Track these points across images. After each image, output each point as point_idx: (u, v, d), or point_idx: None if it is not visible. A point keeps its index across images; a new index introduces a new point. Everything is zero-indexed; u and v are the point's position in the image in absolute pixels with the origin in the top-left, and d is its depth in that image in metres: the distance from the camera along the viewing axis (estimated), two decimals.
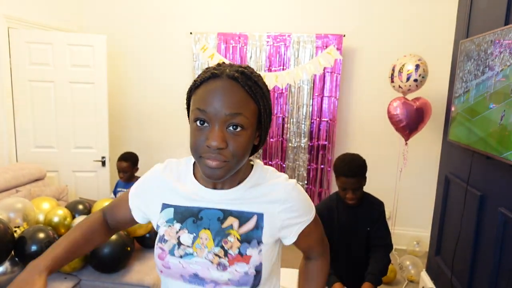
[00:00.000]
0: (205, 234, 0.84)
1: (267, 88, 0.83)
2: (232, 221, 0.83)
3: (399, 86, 3.06)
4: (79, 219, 2.30)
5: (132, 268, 2.37)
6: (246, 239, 0.82)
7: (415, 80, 2.98)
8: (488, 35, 1.94)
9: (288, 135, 3.80)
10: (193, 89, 0.80)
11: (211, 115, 0.74)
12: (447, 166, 2.66)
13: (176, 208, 0.88)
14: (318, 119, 3.72)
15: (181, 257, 0.84)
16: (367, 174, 1.91)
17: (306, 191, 3.85)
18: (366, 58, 3.68)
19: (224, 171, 0.76)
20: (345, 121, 3.79)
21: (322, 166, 3.79)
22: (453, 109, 2.41)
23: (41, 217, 2.35)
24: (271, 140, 3.82)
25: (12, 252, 2.07)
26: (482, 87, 1.98)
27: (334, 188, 3.66)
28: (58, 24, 3.68)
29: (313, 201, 4.14)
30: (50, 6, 3.60)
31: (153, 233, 2.57)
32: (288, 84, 3.52)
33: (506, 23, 1.89)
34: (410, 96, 3.17)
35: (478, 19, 2.29)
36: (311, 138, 3.78)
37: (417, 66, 2.96)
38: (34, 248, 2.04)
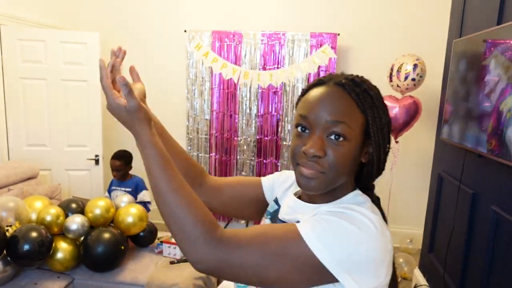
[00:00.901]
0: None
1: (381, 100, 0.74)
2: None
3: (397, 86, 3.09)
4: (72, 218, 2.29)
5: (126, 267, 2.36)
6: None
7: (413, 79, 3.01)
8: (481, 35, 1.96)
9: (282, 134, 3.80)
10: (300, 96, 0.77)
11: (311, 121, 0.70)
12: (440, 164, 2.68)
13: (278, 209, 0.87)
14: None
15: None
16: None
17: None
18: (360, 57, 3.69)
19: (319, 183, 0.70)
20: None
21: None
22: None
23: (33, 216, 2.33)
24: (266, 138, 3.83)
25: (4, 252, 2.05)
26: None
27: None
28: (51, 21, 3.64)
29: None
30: (43, 2, 3.56)
31: (147, 231, 2.57)
32: (282, 82, 3.52)
33: (498, 23, 1.90)
34: (409, 95, 3.19)
35: (471, 18, 2.31)
36: None
37: (415, 66, 2.99)
38: (26, 247, 2.02)
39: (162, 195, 0.65)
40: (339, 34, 3.55)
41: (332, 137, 0.69)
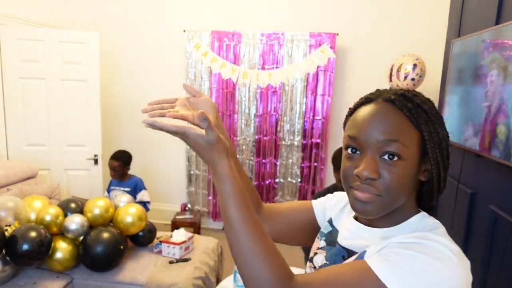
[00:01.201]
0: None
1: (437, 113, 0.69)
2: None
3: (397, 85, 3.11)
4: (72, 217, 2.29)
5: (125, 267, 2.36)
6: None
7: (412, 79, 3.02)
8: (479, 35, 1.96)
9: (281, 133, 3.81)
10: (348, 116, 0.74)
11: (362, 141, 0.66)
12: None
13: (333, 231, 0.82)
14: (311, 117, 3.74)
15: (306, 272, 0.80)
16: None
17: (299, 189, 3.87)
18: (359, 56, 3.69)
19: (375, 207, 0.66)
20: (338, 119, 3.80)
21: (315, 164, 3.81)
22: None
23: (32, 216, 2.33)
24: (265, 138, 3.83)
25: (3, 251, 2.05)
26: None
27: (328, 185, 3.68)
28: (50, 20, 3.64)
29: (306, 199, 4.13)
30: (42, 2, 3.56)
31: (146, 231, 2.57)
32: (281, 82, 3.53)
33: (497, 23, 1.91)
34: None
35: (470, 19, 2.31)
36: (304, 136, 3.79)
37: (415, 66, 3.00)
38: (25, 247, 2.02)
39: (238, 239, 0.62)
40: (338, 34, 3.56)
41: (386, 157, 0.65)
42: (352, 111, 0.73)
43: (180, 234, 2.59)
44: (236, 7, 3.78)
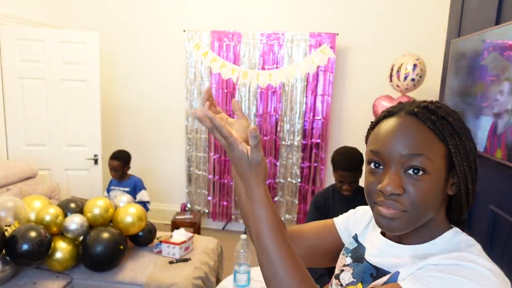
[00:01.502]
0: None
1: (463, 125, 0.67)
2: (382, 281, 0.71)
3: (397, 86, 3.11)
4: (71, 217, 2.29)
5: (124, 267, 2.36)
6: None
7: (413, 80, 3.02)
8: (479, 35, 1.96)
9: (281, 133, 3.81)
10: (369, 130, 0.72)
11: (385, 156, 0.64)
12: None
13: (359, 247, 0.80)
14: (311, 117, 3.74)
15: None
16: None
17: (299, 189, 3.87)
18: (359, 56, 3.69)
19: (401, 223, 0.64)
20: (338, 119, 3.81)
21: (315, 164, 3.81)
22: None
23: (32, 216, 2.33)
24: (265, 138, 3.83)
25: (3, 251, 2.05)
26: None
27: (328, 185, 3.68)
28: (50, 20, 3.64)
29: (306, 199, 4.10)
30: (42, 2, 3.56)
31: (146, 231, 2.57)
32: (281, 82, 3.53)
33: (497, 23, 1.91)
34: (404, 95, 3.20)
35: (470, 19, 2.31)
36: (304, 136, 3.79)
37: (415, 66, 3.00)
38: (25, 247, 2.02)
39: (271, 266, 0.61)
40: (338, 34, 3.56)
41: (410, 171, 0.63)
42: (374, 125, 0.71)
43: (180, 234, 2.59)
44: (236, 7, 3.78)
